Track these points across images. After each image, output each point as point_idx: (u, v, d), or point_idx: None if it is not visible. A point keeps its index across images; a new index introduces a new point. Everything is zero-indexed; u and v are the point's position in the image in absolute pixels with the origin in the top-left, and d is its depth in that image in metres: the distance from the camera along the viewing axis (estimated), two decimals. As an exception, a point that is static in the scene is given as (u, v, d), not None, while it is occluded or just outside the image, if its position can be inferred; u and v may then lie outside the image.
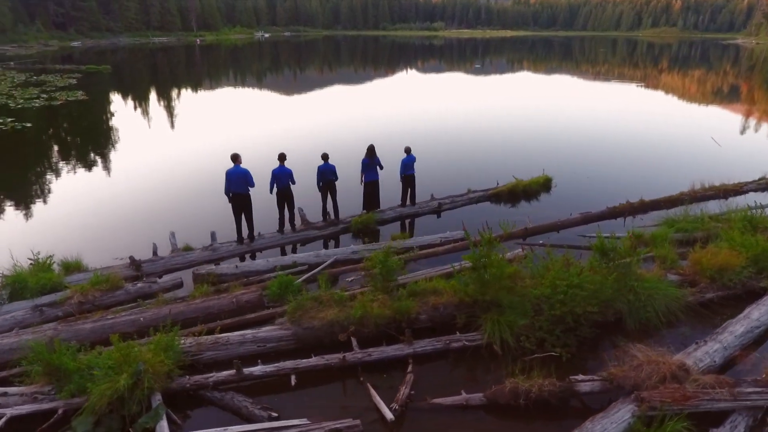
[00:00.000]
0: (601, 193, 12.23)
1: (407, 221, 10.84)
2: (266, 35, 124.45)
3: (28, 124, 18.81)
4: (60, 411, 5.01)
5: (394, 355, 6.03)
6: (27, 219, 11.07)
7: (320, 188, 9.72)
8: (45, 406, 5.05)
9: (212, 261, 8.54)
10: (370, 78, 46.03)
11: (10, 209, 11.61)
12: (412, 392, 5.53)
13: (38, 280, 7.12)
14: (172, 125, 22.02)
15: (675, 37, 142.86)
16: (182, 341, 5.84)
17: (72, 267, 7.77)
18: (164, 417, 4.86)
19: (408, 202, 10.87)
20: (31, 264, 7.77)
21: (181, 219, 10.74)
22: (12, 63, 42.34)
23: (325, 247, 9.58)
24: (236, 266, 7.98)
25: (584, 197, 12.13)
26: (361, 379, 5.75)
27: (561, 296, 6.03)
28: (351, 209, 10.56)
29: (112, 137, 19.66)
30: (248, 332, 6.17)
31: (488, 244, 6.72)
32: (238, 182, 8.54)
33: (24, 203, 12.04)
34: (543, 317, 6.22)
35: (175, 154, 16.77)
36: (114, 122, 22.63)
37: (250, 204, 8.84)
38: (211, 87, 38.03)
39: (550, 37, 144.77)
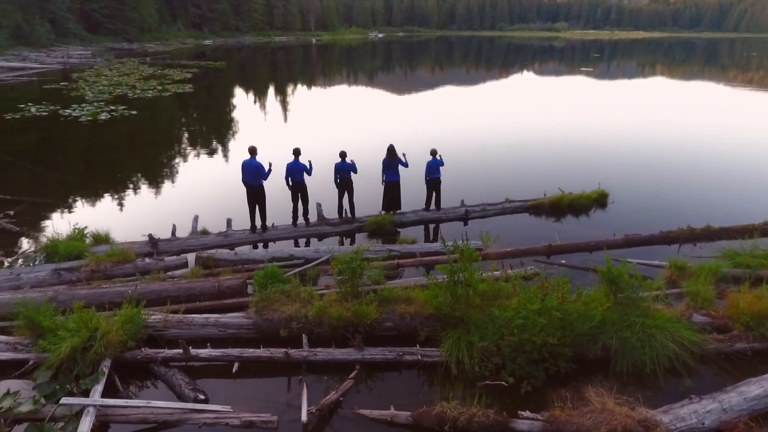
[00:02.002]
0: (670, 216, 10.59)
1: (431, 226, 10.49)
2: (380, 35, 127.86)
3: (134, 112, 21.39)
4: (31, 362, 5.68)
5: (341, 359, 5.91)
6: (88, 196, 12.24)
7: (337, 186, 9.82)
8: (20, 356, 5.76)
9: (224, 246, 9.03)
10: (482, 79, 45.30)
11: (74, 186, 12.87)
12: (341, 399, 5.38)
13: (67, 248, 8.11)
14: (262, 119, 23.68)
15: None
16: (151, 316, 6.29)
17: (101, 239, 8.70)
18: (102, 381, 5.26)
19: (433, 206, 10.51)
20: (76, 233, 8.90)
21: (221, 205, 11.44)
22: (148, 58, 48.45)
23: (340, 243, 9.68)
24: (235, 253, 8.38)
25: (648, 218, 10.67)
26: (300, 378, 5.71)
27: (520, 321, 5.45)
28: (374, 209, 10.48)
29: (203, 128, 21.74)
30: (212, 316, 6.44)
31: (466, 258, 6.34)
32: (250, 174, 8.99)
33: (88, 182, 13.35)
34: (506, 342, 5.68)
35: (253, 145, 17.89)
36: (208, 114, 24.97)
37: (263, 195, 9.21)
38: (324, 84, 40.22)
39: (691, 39, 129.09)
